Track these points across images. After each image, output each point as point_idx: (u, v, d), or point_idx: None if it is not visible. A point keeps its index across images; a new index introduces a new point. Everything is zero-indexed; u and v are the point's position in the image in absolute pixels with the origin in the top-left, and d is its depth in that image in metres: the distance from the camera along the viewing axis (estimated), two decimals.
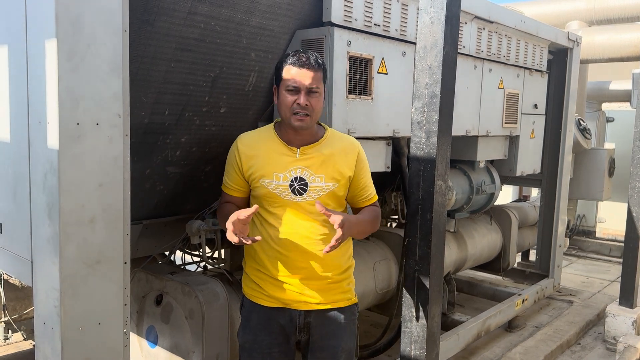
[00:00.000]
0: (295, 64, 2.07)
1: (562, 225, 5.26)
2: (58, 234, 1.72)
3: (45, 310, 1.83)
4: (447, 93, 2.28)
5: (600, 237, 8.71)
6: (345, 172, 2.18)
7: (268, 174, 2.12)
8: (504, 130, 4.34)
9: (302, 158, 2.14)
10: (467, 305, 5.19)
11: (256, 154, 2.16)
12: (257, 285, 2.21)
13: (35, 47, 1.77)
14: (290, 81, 2.07)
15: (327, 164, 2.15)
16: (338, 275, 2.21)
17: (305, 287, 2.15)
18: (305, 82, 2.06)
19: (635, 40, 6.62)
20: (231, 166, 2.22)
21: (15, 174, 1.96)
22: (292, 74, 2.07)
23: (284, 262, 2.14)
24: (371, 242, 3.94)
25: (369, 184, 2.29)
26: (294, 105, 2.06)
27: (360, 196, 2.27)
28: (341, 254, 2.21)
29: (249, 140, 2.21)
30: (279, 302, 2.17)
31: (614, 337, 4.45)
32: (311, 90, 2.07)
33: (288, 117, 2.10)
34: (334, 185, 2.15)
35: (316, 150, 2.16)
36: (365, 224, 2.22)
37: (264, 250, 2.17)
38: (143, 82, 2.36)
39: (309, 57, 2.09)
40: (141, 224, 2.92)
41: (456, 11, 2.26)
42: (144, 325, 2.86)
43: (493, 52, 4.04)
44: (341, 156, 2.19)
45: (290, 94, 2.07)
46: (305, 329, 2.19)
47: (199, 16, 2.35)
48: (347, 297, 2.26)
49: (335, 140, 2.22)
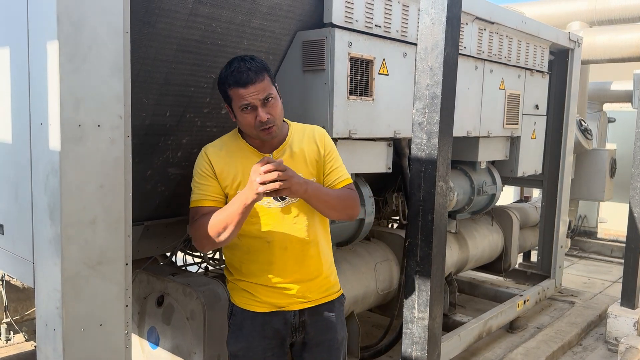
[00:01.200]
0: (238, 84, 1.94)
1: (563, 225, 5.25)
2: (60, 235, 1.72)
3: (46, 311, 1.83)
4: (448, 94, 2.28)
5: (601, 237, 8.70)
6: (318, 163, 2.14)
7: (245, 184, 1.97)
8: (505, 131, 4.34)
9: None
10: (468, 306, 5.18)
11: (227, 164, 2.06)
12: (249, 292, 2.15)
13: (37, 48, 1.77)
14: (242, 101, 1.95)
15: (299, 160, 2.11)
16: (325, 270, 2.21)
17: (298, 288, 2.14)
18: (258, 96, 1.95)
19: (636, 41, 6.61)
20: (205, 177, 2.06)
21: (17, 175, 1.97)
22: (240, 94, 1.95)
23: (274, 268, 2.10)
24: (372, 243, 3.94)
25: (338, 168, 2.19)
26: (256, 123, 1.97)
27: (328, 180, 2.17)
28: (325, 250, 2.21)
29: (216, 150, 2.09)
30: (272, 306, 2.14)
31: (616, 338, 4.44)
32: (266, 100, 1.97)
33: (256, 134, 2.02)
34: (314, 179, 2.12)
35: (287, 150, 2.11)
36: (329, 195, 2.08)
37: (252, 263, 2.12)
38: (144, 84, 2.36)
39: (248, 69, 1.94)
40: (142, 225, 2.92)
41: (457, 12, 2.26)
42: (146, 326, 2.86)
43: (494, 52, 4.04)
44: (310, 146, 2.14)
45: (247, 112, 1.97)
46: (300, 328, 2.18)
47: (200, 18, 2.36)
48: (335, 290, 2.27)
49: (300, 134, 2.16)
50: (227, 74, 1.98)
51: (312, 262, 2.15)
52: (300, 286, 2.14)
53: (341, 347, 2.28)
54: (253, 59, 2.00)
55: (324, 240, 2.22)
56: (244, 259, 2.13)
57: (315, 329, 2.20)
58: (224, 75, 2.00)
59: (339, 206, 2.12)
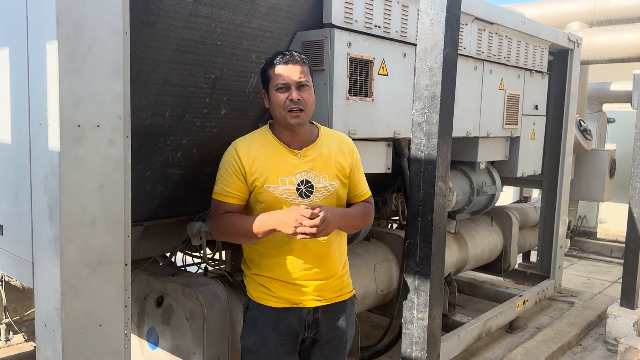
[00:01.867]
0: (281, 62, 2.07)
1: (563, 226, 5.25)
2: (59, 235, 1.72)
3: (46, 311, 1.83)
4: (447, 94, 2.28)
5: (601, 238, 8.70)
6: (345, 169, 2.22)
7: (272, 179, 2.09)
8: (504, 131, 4.34)
9: (305, 160, 2.13)
10: (468, 306, 5.18)
11: (257, 158, 2.10)
12: (265, 287, 2.19)
13: (36, 49, 1.77)
14: (279, 79, 2.06)
15: (328, 163, 2.17)
16: (340, 270, 2.28)
17: (315, 285, 2.19)
18: (294, 77, 2.06)
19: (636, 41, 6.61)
20: (230, 173, 2.11)
21: (16, 175, 1.97)
22: (280, 72, 2.06)
23: (293, 264, 2.16)
24: (372, 244, 3.94)
25: (362, 180, 2.32)
26: (287, 102, 2.05)
27: (352, 192, 2.29)
28: (340, 251, 2.29)
29: (246, 145, 2.14)
30: (288, 302, 2.18)
31: (615, 338, 4.44)
32: (301, 85, 2.07)
33: (283, 116, 2.08)
34: (337, 184, 2.19)
35: (316, 150, 2.16)
36: (354, 218, 2.24)
37: (271, 258, 2.17)
38: (144, 84, 2.36)
39: (292, 53, 2.10)
40: (142, 225, 2.92)
41: (456, 12, 2.26)
42: (145, 326, 2.86)
43: (493, 53, 4.04)
44: (338, 153, 2.21)
45: (281, 92, 2.06)
46: (313, 325, 2.23)
47: (199, 18, 2.36)
48: (348, 290, 2.34)
49: (330, 138, 2.24)
50: (274, 57, 2.12)
51: (329, 261, 2.21)
52: (316, 284, 2.19)
53: (347, 346, 2.36)
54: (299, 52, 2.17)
55: (342, 241, 2.30)
56: (264, 253, 2.18)
57: (327, 326, 2.25)
58: (269, 59, 2.13)
59: (360, 225, 2.30)
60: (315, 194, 2.13)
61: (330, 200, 2.17)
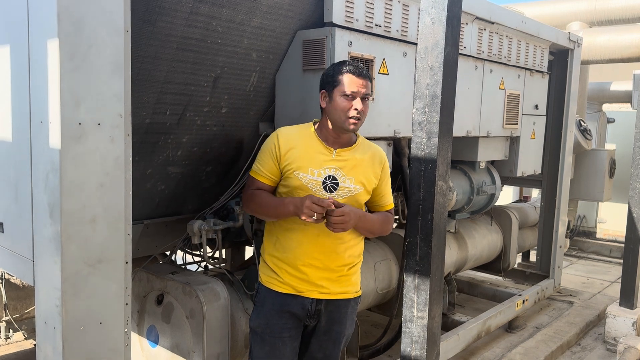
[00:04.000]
0: (354, 73, 2.23)
1: (562, 226, 5.26)
2: (59, 233, 1.73)
3: (46, 309, 1.83)
4: (448, 94, 2.28)
5: (600, 238, 8.72)
6: (371, 179, 2.36)
7: (304, 168, 2.25)
8: (504, 131, 4.34)
9: (337, 159, 2.29)
10: (467, 305, 5.19)
11: (294, 146, 2.27)
12: (274, 272, 2.33)
13: (37, 47, 1.77)
14: (349, 87, 2.22)
15: (357, 168, 2.32)
16: (349, 269, 2.37)
17: (320, 277, 2.30)
18: (362, 89, 2.23)
19: (636, 41, 6.61)
20: (268, 155, 2.30)
21: (17, 173, 1.97)
22: (352, 81, 2.22)
23: (303, 251, 2.28)
24: (372, 243, 3.94)
25: (387, 192, 2.47)
26: (350, 110, 2.22)
27: (377, 202, 2.45)
28: (353, 252, 2.37)
29: (289, 133, 2.32)
30: (293, 289, 2.31)
31: (614, 338, 4.45)
32: (364, 97, 2.25)
33: (342, 121, 2.24)
34: (361, 189, 2.32)
35: (350, 153, 2.32)
36: (373, 222, 2.40)
37: (286, 240, 2.31)
38: (145, 82, 2.36)
39: (362, 68, 2.27)
40: (142, 223, 2.93)
41: (457, 12, 2.26)
42: (145, 324, 2.87)
43: (494, 52, 4.05)
44: (370, 163, 2.36)
45: (346, 99, 2.22)
46: (315, 315, 2.35)
47: (200, 16, 2.36)
48: (355, 290, 2.45)
49: (366, 147, 2.40)
50: (343, 64, 2.27)
51: (336, 257, 2.32)
52: (320, 275, 2.30)
53: (345, 342, 2.47)
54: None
55: (355, 245, 2.39)
56: (280, 235, 2.34)
57: (327, 318, 2.37)
58: (338, 65, 2.28)
59: (378, 231, 2.45)
60: (338, 191, 2.27)
61: (350, 203, 2.29)
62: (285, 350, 2.33)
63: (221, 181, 3.06)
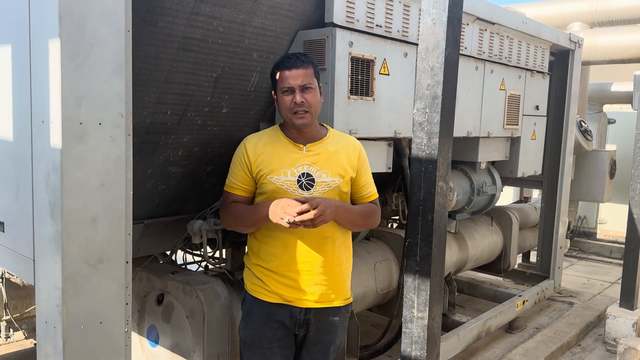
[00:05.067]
0: (285, 67, 2.17)
1: (562, 226, 5.25)
2: (60, 233, 1.73)
3: (47, 309, 1.83)
4: (448, 94, 2.28)
5: (601, 238, 8.71)
6: (348, 170, 2.27)
7: (275, 170, 2.19)
8: (505, 132, 4.34)
9: (309, 154, 2.22)
10: (467, 306, 5.19)
11: (263, 151, 2.22)
12: (260, 280, 2.26)
13: (39, 46, 1.77)
14: (283, 83, 2.17)
15: (332, 160, 2.24)
16: (338, 274, 2.29)
17: (307, 284, 2.22)
18: (297, 80, 2.15)
19: (637, 42, 6.61)
20: (238, 166, 2.26)
21: (18, 173, 1.97)
22: (284, 77, 2.17)
23: (289, 258, 2.20)
24: (372, 243, 3.94)
25: (369, 182, 2.39)
26: (291, 104, 2.16)
27: (359, 193, 2.36)
28: (341, 253, 2.29)
29: (255, 140, 2.27)
30: (280, 298, 2.23)
31: (615, 339, 4.45)
32: (305, 87, 2.16)
33: (289, 117, 2.19)
34: (340, 181, 2.24)
35: (321, 147, 2.25)
36: (355, 214, 2.30)
37: (270, 247, 2.23)
38: (145, 82, 2.36)
39: (297, 57, 2.19)
40: (143, 223, 2.93)
41: (458, 12, 2.26)
42: (145, 324, 2.87)
43: (495, 53, 4.05)
44: (344, 154, 2.28)
45: (286, 95, 2.18)
46: (304, 325, 2.27)
47: (201, 16, 2.36)
48: (345, 297, 2.36)
49: (338, 139, 2.33)
50: (279, 61, 2.23)
51: (325, 257, 2.23)
52: (310, 278, 2.21)
53: (336, 351, 2.38)
54: (306, 55, 2.26)
55: (342, 243, 2.31)
56: (263, 241, 2.26)
57: (317, 328, 2.28)
58: (277, 62, 2.24)
59: (361, 223, 2.36)
60: (316, 187, 2.20)
61: (332, 196, 2.22)
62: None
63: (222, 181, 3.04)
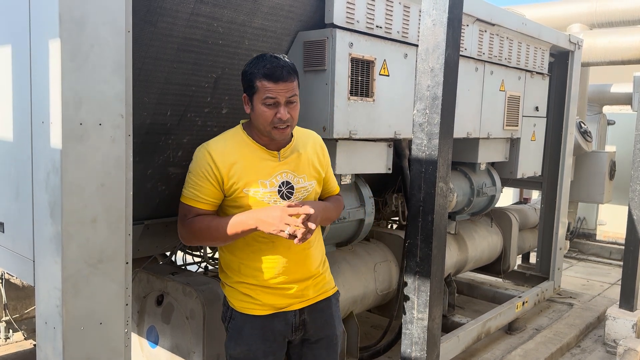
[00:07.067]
0: (270, 78, 1.94)
1: (562, 227, 5.26)
2: (60, 233, 1.73)
3: (46, 309, 1.83)
4: (448, 95, 2.29)
5: (600, 239, 8.71)
6: (319, 170, 2.23)
7: (253, 183, 2.02)
8: (505, 133, 4.34)
9: (284, 161, 2.09)
10: (467, 307, 5.19)
11: (235, 162, 2.02)
12: (248, 296, 2.13)
13: (39, 47, 1.77)
14: (267, 94, 1.95)
15: (305, 163, 2.16)
16: (321, 268, 2.28)
17: (297, 287, 2.16)
18: (285, 95, 1.96)
19: (636, 44, 6.62)
20: (203, 178, 2.01)
21: (18, 173, 1.97)
22: (269, 88, 1.95)
23: (275, 269, 2.11)
24: (372, 244, 3.94)
25: (332, 176, 2.37)
26: (274, 119, 1.97)
27: (326, 189, 2.33)
28: (321, 247, 2.30)
29: (221, 148, 2.04)
30: (273, 308, 2.14)
31: (614, 340, 4.45)
32: (290, 101, 1.99)
33: (268, 130, 2.01)
34: (315, 183, 2.20)
35: (293, 150, 2.13)
36: (331, 210, 2.27)
37: (252, 262, 2.11)
38: (145, 83, 2.36)
39: (282, 67, 1.95)
40: (143, 224, 2.92)
41: (458, 14, 2.26)
42: (145, 325, 2.87)
43: (494, 54, 4.05)
44: (313, 153, 2.21)
45: (269, 108, 1.97)
46: (300, 327, 2.21)
47: (201, 17, 2.36)
48: (331, 286, 2.33)
49: (303, 137, 2.21)
50: (259, 66, 1.97)
51: (311, 261, 2.20)
52: (299, 285, 2.17)
53: (338, 343, 2.34)
54: (285, 58, 2.02)
55: (320, 238, 2.31)
56: (245, 259, 2.12)
57: (314, 326, 2.24)
58: (254, 66, 1.98)
59: (335, 217, 2.33)
60: (295, 194, 2.11)
61: (310, 199, 2.17)
62: None
63: None
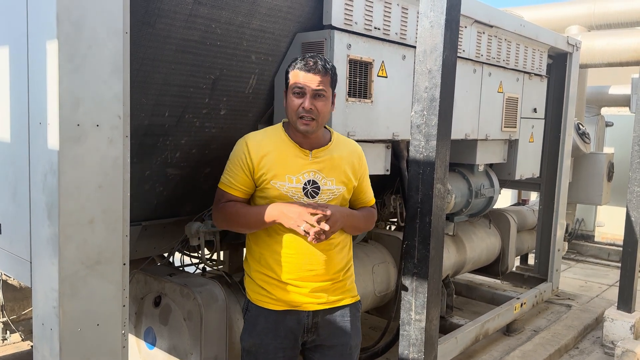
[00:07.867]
0: (302, 68, 2.07)
1: (560, 229, 5.26)
2: (57, 234, 1.72)
3: (44, 310, 1.83)
4: (446, 97, 2.29)
5: (598, 241, 8.72)
6: (351, 178, 2.24)
7: (280, 176, 2.11)
8: (503, 134, 4.35)
9: (315, 161, 2.16)
10: (465, 308, 5.19)
11: (267, 154, 2.12)
12: (264, 289, 2.18)
13: (37, 48, 1.77)
14: (296, 84, 2.07)
15: (337, 167, 2.20)
16: (342, 274, 2.26)
17: (313, 288, 2.17)
18: (311, 85, 2.06)
19: (634, 45, 6.63)
20: (238, 166, 2.15)
21: (15, 174, 1.97)
22: (299, 78, 2.07)
23: (293, 264, 2.15)
24: (370, 245, 3.94)
25: (368, 188, 2.38)
26: (299, 108, 2.07)
27: (360, 199, 2.35)
28: (344, 254, 2.27)
29: (258, 140, 2.16)
30: (287, 305, 2.17)
31: (612, 342, 4.45)
32: (317, 94, 2.07)
33: (294, 121, 2.10)
34: (343, 189, 2.21)
35: (327, 153, 2.19)
36: (358, 219, 2.29)
37: (272, 254, 2.16)
38: (143, 84, 2.36)
39: (316, 61, 2.09)
40: (140, 225, 2.92)
41: (456, 15, 2.27)
42: (143, 326, 2.86)
43: (493, 56, 4.05)
44: (348, 161, 2.24)
45: (296, 97, 2.08)
46: (312, 329, 2.21)
47: (199, 18, 2.36)
48: (352, 295, 2.31)
49: (342, 144, 2.27)
50: (296, 59, 2.12)
51: (332, 264, 2.20)
52: (315, 286, 2.17)
53: (354, 354, 2.30)
54: (327, 60, 2.15)
55: (346, 245, 2.29)
56: (265, 249, 2.18)
57: (327, 331, 2.23)
58: (292, 61, 2.14)
59: (363, 227, 2.36)
60: (321, 195, 2.15)
61: (336, 203, 2.20)
62: None
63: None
